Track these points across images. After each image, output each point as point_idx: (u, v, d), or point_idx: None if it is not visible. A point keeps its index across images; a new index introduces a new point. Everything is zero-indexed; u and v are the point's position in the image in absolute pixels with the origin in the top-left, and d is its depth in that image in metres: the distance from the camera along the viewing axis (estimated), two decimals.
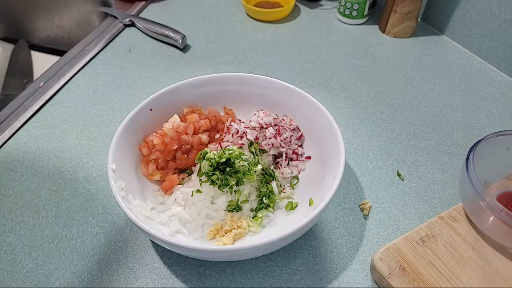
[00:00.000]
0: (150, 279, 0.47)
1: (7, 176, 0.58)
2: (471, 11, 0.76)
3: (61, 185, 0.57)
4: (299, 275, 0.48)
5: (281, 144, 0.55)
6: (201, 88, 0.59)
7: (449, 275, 0.44)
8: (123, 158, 0.50)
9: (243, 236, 0.49)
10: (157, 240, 0.42)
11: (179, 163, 0.54)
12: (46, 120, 0.67)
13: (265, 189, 0.52)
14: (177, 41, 0.80)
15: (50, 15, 1.03)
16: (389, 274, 0.44)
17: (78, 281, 0.47)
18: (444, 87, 0.72)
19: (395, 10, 0.80)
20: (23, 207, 0.54)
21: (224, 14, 0.92)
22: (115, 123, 0.66)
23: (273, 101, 0.59)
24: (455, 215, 0.49)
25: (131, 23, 0.87)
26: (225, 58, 0.79)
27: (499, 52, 0.74)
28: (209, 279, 0.47)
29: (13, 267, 0.48)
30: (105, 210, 0.54)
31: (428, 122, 0.66)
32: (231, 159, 0.49)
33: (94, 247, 0.50)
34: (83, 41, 0.83)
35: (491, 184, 0.51)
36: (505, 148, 0.50)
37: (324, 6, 0.94)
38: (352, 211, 0.54)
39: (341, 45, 0.83)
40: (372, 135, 0.64)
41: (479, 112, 0.68)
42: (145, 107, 0.54)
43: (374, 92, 0.72)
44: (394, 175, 0.58)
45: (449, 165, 0.59)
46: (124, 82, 0.74)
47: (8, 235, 0.51)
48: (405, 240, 0.47)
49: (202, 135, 0.55)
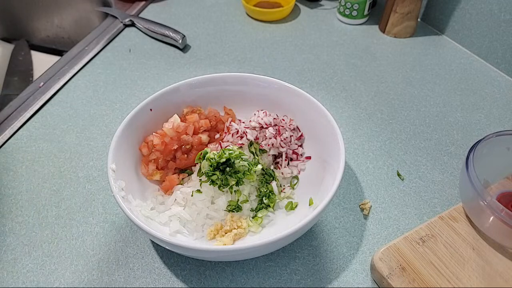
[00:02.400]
0: (150, 279, 0.47)
1: (7, 176, 0.58)
2: (471, 11, 0.76)
3: (61, 185, 0.57)
4: (299, 275, 0.48)
5: (281, 144, 0.55)
6: (201, 88, 0.59)
7: (449, 275, 0.44)
8: (123, 158, 0.50)
9: (243, 236, 0.49)
10: (157, 240, 0.42)
11: (179, 163, 0.54)
12: (46, 120, 0.67)
13: (265, 189, 0.52)
14: (177, 41, 0.80)
15: (50, 15, 1.03)
16: (389, 274, 0.44)
17: (78, 281, 0.47)
18: (444, 87, 0.72)
19: (395, 10, 0.80)
20: (23, 207, 0.54)
21: (224, 14, 0.92)
22: (115, 123, 0.66)
23: (273, 101, 0.59)
24: (455, 215, 0.49)
25: (131, 23, 0.87)
26: (225, 58, 0.79)
27: (499, 52, 0.74)
28: (209, 279, 0.47)
29: (13, 267, 0.48)
30: (105, 210, 0.54)
31: (428, 122, 0.66)
32: (231, 159, 0.49)
33: (94, 247, 0.50)
34: (83, 41, 0.83)
35: (491, 184, 0.51)
36: (505, 148, 0.50)
37: (324, 6, 0.94)
38: (352, 211, 0.54)
39: (341, 45, 0.83)
40: (372, 135, 0.64)
41: (479, 112, 0.68)
42: (145, 107, 0.54)
43: (374, 92, 0.72)
44: (394, 175, 0.58)
45: (449, 165, 0.59)
46: (124, 82, 0.74)
47: (8, 235, 0.51)
48: (405, 240, 0.47)
49: (202, 135, 0.55)
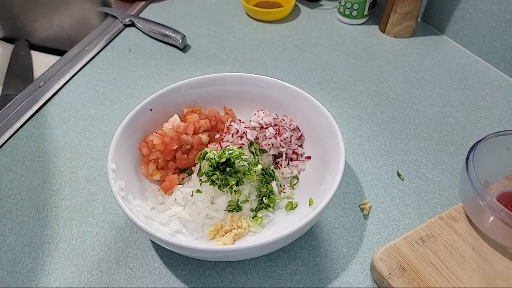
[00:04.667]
0: (150, 279, 0.47)
1: (7, 176, 0.58)
2: (471, 11, 0.76)
3: (61, 185, 0.57)
4: (299, 275, 0.48)
5: (281, 144, 0.55)
6: (201, 88, 0.59)
7: (449, 275, 0.44)
8: (123, 158, 0.50)
9: (243, 236, 0.49)
10: (157, 240, 0.42)
11: (179, 163, 0.54)
12: (46, 120, 0.67)
13: (265, 189, 0.52)
14: (177, 41, 0.80)
15: (50, 15, 1.03)
16: (389, 274, 0.44)
17: (78, 281, 0.47)
18: (444, 87, 0.72)
19: (395, 10, 0.80)
20: (23, 207, 0.54)
21: (224, 14, 0.92)
22: (115, 123, 0.66)
23: (273, 101, 0.59)
24: (455, 215, 0.49)
25: (131, 23, 0.87)
26: (225, 58, 0.79)
27: (499, 52, 0.74)
28: (209, 279, 0.47)
29: (13, 267, 0.48)
30: (105, 210, 0.54)
31: (428, 122, 0.66)
32: (231, 159, 0.49)
33: (94, 247, 0.50)
34: (83, 41, 0.83)
35: (491, 184, 0.51)
36: (505, 148, 0.50)
37: (324, 6, 0.94)
38: (352, 211, 0.54)
39: (341, 45, 0.83)
40: (372, 135, 0.64)
41: (479, 112, 0.67)
42: (145, 107, 0.54)
43: (374, 92, 0.72)
44: (394, 175, 0.58)
45: (449, 165, 0.59)
46: (124, 82, 0.74)
47: (8, 235, 0.51)
48: (405, 240, 0.47)
49: (202, 135, 0.55)
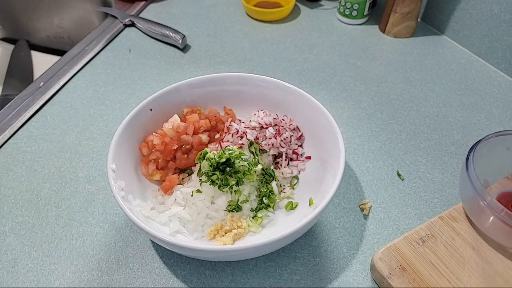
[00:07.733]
0: (150, 279, 0.47)
1: (7, 176, 0.58)
2: (471, 11, 0.76)
3: (61, 185, 0.57)
4: (299, 275, 0.48)
5: (281, 144, 0.55)
6: (201, 88, 0.59)
7: (449, 275, 0.44)
8: (123, 158, 0.50)
9: (243, 236, 0.49)
10: (157, 240, 0.42)
11: (179, 163, 0.54)
12: (46, 120, 0.67)
13: (265, 189, 0.52)
14: (177, 41, 0.80)
15: (50, 15, 1.03)
16: (389, 274, 0.44)
17: (78, 281, 0.47)
18: (444, 87, 0.72)
19: (395, 10, 0.80)
20: (23, 207, 0.54)
21: (224, 14, 0.92)
22: (115, 123, 0.66)
23: (273, 101, 0.59)
24: (455, 215, 0.49)
25: (131, 23, 0.87)
26: (225, 58, 0.79)
27: (499, 52, 0.74)
28: (209, 279, 0.47)
29: (13, 267, 0.48)
30: (105, 210, 0.54)
31: (428, 122, 0.66)
32: (231, 159, 0.49)
33: (94, 247, 0.50)
34: (83, 41, 0.83)
35: (491, 184, 0.51)
36: (505, 148, 0.50)
37: (324, 6, 0.94)
38: (352, 211, 0.54)
39: (341, 45, 0.83)
40: (372, 135, 0.64)
41: (479, 112, 0.67)
42: (145, 107, 0.54)
43: (374, 92, 0.72)
44: (394, 175, 0.58)
45: (449, 165, 0.59)
46: (124, 82, 0.74)
47: (8, 235, 0.51)
48: (405, 240, 0.47)
49: (202, 135, 0.55)
